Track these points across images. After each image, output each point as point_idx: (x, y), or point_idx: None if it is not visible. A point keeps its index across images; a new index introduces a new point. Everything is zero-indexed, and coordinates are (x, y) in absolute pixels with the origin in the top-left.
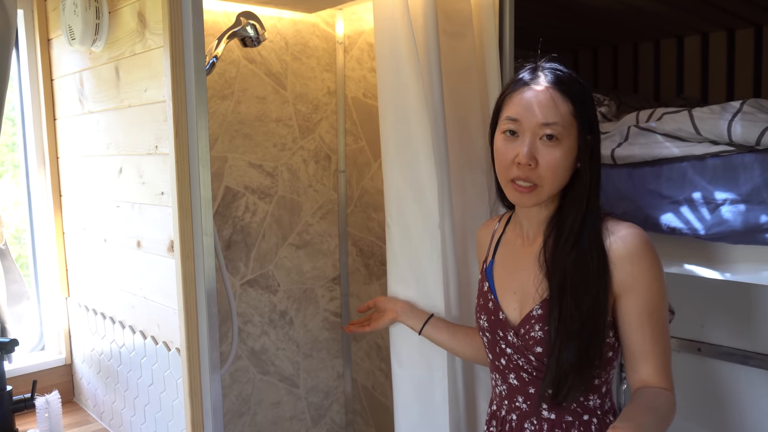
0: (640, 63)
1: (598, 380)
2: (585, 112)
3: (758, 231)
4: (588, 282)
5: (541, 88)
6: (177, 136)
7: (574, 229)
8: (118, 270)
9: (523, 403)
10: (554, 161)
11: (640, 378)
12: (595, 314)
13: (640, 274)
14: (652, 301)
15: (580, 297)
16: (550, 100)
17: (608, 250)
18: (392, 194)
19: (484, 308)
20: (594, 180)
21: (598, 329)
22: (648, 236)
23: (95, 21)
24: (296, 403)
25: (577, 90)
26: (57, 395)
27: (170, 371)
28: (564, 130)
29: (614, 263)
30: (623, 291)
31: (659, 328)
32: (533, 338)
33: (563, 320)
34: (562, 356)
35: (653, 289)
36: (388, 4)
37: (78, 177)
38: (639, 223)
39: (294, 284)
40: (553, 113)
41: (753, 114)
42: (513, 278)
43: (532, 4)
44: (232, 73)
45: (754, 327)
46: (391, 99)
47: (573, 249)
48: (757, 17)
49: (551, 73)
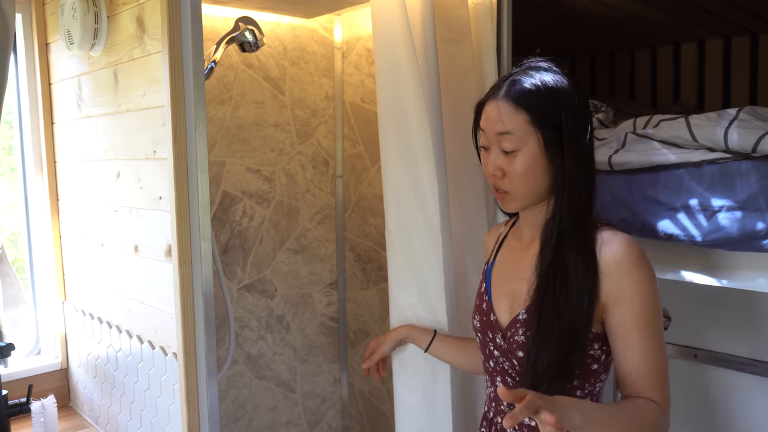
0: (637, 70)
1: (581, 392)
2: (546, 117)
3: (755, 238)
4: (569, 288)
5: (496, 100)
6: (175, 141)
7: (554, 232)
8: (115, 274)
9: (507, 408)
10: (515, 171)
11: (628, 392)
12: (575, 321)
13: (630, 285)
14: (642, 314)
15: (561, 302)
16: (502, 113)
17: (599, 259)
18: (392, 199)
19: (478, 309)
20: (574, 182)
21: (578, 337)
22: (642, 248)
23: (94, 25)
24: (292, 408)
25: (533, 96)
26: (53, 400)
27: (167, 376)
28: (520, 140)
29: (604, 273)
30: (612, 302)
31: (651, 342)
32: (516, 342)
33: (542, 325)
34: (538, 360)
35: (644, 301)
36: (386, 10)
37: (75, 181)
38: (636, 229)
39: (291, 289)
40: (504, 125)
41: (749, 121)
42: (508, 281)
43: (530, 11)
44: (230, 78)
45: (750, 334)
46: (390, 104)
47: (554, 253)
48: (753, 25)
49: (508, 83)
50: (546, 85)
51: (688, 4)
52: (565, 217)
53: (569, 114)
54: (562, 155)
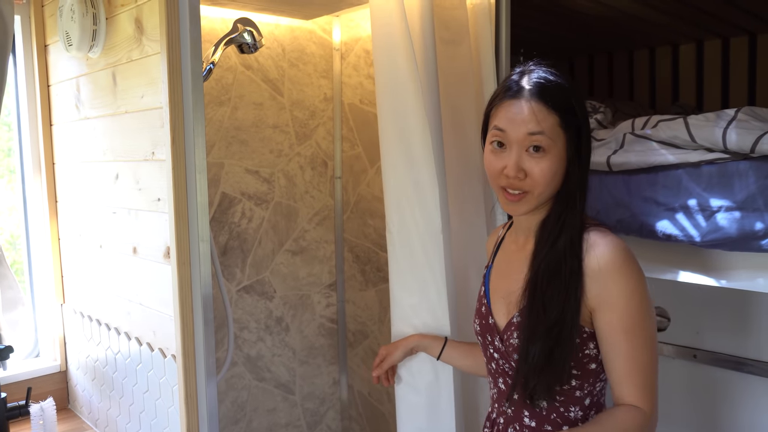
0: (636, 70)
1: (580, 392)
2: (572, 120)
3: (753, 238)
4: (557, 287)
5: (526, 100)
6: (174, 143)
7: (553, 233)
8: (114, 276)
9: (508, 408)
10: (542, 172)
11: (615, 395)
12: (562, 320)
13: (615, 289)
14: (628, 318)
15: (549, 301)
16: (536, 113)
17: (585, 262)
18: (393, 200)
19: (478, 312)
20: (581, 185)
21: (564, 335)
22: (630, 251)
23: (92, 27)
24: (292, 410)
25: (562, 99)
26: (52, 402)
27: (166, 378)
28: (550, 140)
29: (589, 275)
30: (598, 305)
31: (637, 346)
32: (512, 345)
33: (530, 323)
34: (527, 357)
35: (631, 305)
36: (385, 11)
37: (74, 183)
38: (635, 230)
39: (290, 290)
40: (538, 125)
41: (748, 122)
42: (504, 283)
43: (528, 11)
44: (229, 79)
45: (749, 334)
46: (389, 105)
47: (548, 253)
48: (752, 26)
49: (537, 84)
50: (573, 90)
51: (687, 4)
52: (564, 217)
53: (586, 120)
54: (580, 158)
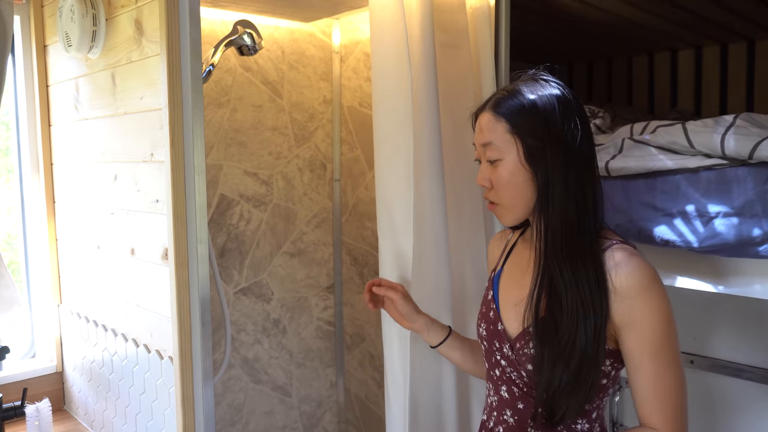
0: (635, 76)
1: (589, 405)
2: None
3: (751, 244)
4: (584, 307)
5: (483, 114)
6: (173, 144)
7: (541, 243)
8: (111, 277)
9: (510, 417)
10: (498, 182)
11: (639, 415)
12: (587, 340)
13: (642, 310)
14: (654, 340)
15: (558, 318)
16: (483, 124)
17: (612, 280)
18: (383, 207)
19: (485, 317)
20: (560, 193)
21: (591, 356)
22: (656, 272)
23: (92, 28)
24: (288, 413)
25: (513, 105)
26: (47, 403)
27: (162, 380)
28: (501, 148)
29: (618, 294)
30: (624, 325)
31: (663, 368)
32: (526, 355)
33: (554, 342)
34: (553, 379)
35: (656, 327)
36: (384, 14)
37: (72, 183)
38: (633, 235)
39: (288, 293)
40: (487, 136)
41: (746, 128)
42: (517, 290)
43: (528, 16)
44: (228, 81)
45: (746, 340)
46: (386, 109)
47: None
48: (750, 32)
49: (494, 96)
50: (526, 95)
51: (686, 10)
52: (551, 229)
53: (552, 123)
54: (545, 165)
